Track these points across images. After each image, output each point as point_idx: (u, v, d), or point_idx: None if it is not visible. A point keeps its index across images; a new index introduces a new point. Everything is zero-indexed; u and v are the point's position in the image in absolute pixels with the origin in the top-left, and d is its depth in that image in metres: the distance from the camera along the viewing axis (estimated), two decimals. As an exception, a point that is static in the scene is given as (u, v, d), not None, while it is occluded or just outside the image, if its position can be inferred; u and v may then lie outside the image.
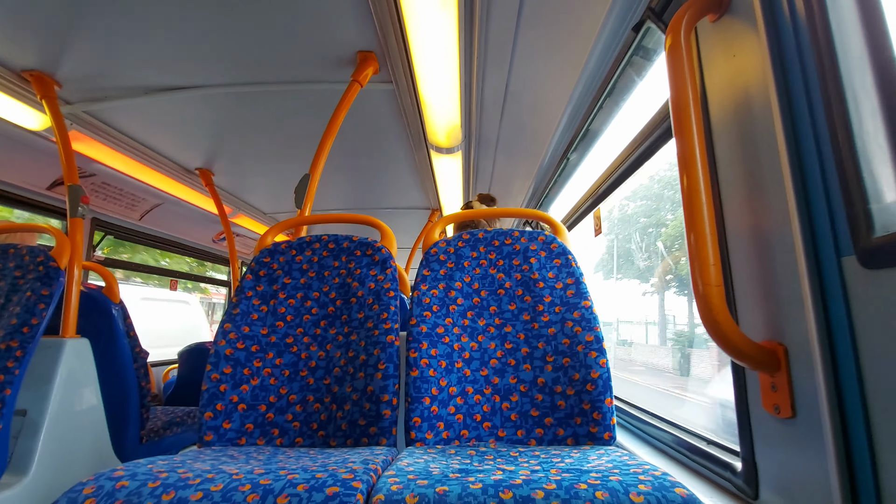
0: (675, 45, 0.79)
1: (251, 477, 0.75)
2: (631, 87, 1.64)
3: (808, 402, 0.66)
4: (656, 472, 0.73)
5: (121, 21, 1.46)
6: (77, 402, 1.64)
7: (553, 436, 1.12)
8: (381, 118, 2.13)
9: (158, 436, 2.01)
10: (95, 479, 0.74)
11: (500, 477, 0.73)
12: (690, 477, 1.05)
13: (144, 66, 1.72)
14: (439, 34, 1.44)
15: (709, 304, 0.70)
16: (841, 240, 0.62)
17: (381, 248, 1.37)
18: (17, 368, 1.40)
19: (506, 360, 1.22)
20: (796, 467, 0.69)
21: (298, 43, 1.58)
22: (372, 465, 0.83)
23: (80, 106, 1.98)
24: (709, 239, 0.71)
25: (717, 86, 0.87)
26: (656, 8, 1.12)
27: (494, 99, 1.96)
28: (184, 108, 2.04)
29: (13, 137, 2.08)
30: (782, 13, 0.71)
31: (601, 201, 2.19)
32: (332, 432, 1.17)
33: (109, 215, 2.97)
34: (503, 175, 2.93)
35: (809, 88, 0.67)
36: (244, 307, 1.30)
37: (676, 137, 0.77)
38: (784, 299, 0.70)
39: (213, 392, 1.19)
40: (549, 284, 1.27)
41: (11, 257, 1.59)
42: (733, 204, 0.83)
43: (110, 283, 1.97)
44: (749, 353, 0.71)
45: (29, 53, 1.64)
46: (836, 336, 0.63)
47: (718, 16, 0.84)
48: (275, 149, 2.51)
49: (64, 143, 1.82)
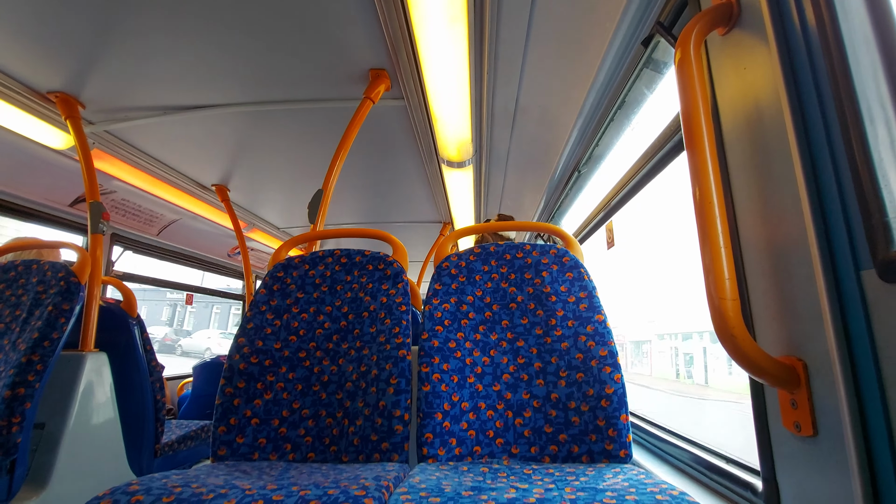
0: (684, 59, 0.79)
1: (264, 493, 0.75)
2: (641, 100, 1.64)
3: (830, 419, 0.64)
4: (674, 492, 0.71)
5: (142, 44, 1.51)
6: (95, 415, 1.66)
7: (567, 453, 1.10)
8: (392, 134, 2.16)
9: (173, 450, 2.02)
10: (111, 493, 0.74)
11: (514, 496, 0.72)
12: (710, 497, 1.03)
13: (164, 86, 1.78)
14: (450, 50, 1.47)
15: (724, 319, 0.68)
16: (859, 253, 0.61)
17: (392, 262, 1.38)
18: (38, 382, 1.43)
19: (518, 374, 1.20)
20: (819, 487, 0.67)
21: (312, 62, 1.62)
22: (384, 481, 0.83)
23: (102, 125, 2.04)
24: (723, 252, 0.70)
25: (728, 99, 0.86)
26: (665, 22, 1.13)
27: (505, 113, 1.97)
28: (201, 127, 2.09)
29: (38, 156, 2.15)
30: (793, 25, 0.71)
31: (613, 214, 2.18)
32: (344, 448, 1.17)
33: (128, 231, 3.04)
34: (514, 188, 2.94)
35: (823, 100, 0.66)
36: (258, 322, 1.31)
37: (688, 150, 0.77)
38: (802, 314, 0.69)
39: (226, 406, 1.19)
40: (562, 298, 1.26)
41: (34, 272, 1.64)
42: (747, 217, 0.82)
43: (128, 297, 2.01)
44: (767, 368, 0.69)
45: (54, 76, 1.71)
46: (856, 351, 0.61)
47: (728, 29, 0.84)
48: (289, 165, 2.56)
49: (86, 162, 1.88)
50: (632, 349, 27.80)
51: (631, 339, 27.23)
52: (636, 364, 26.49)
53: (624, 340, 28.31)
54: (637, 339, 26.62)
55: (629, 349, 27.62)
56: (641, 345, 26.30)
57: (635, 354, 27.36)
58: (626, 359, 28.65)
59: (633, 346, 27.58)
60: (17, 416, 1.37)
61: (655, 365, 22.63)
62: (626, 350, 28.44)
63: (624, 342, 28.71)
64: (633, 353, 27.50)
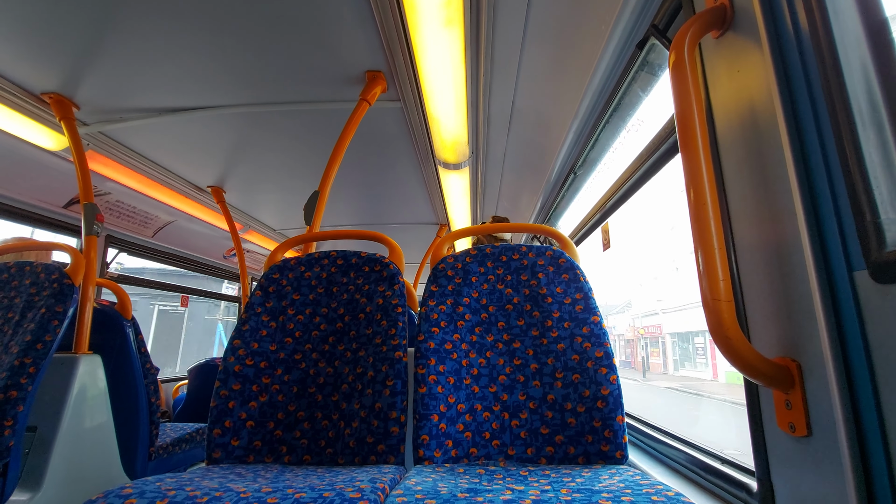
0: (678, 62, 0.80)
1: (259, 495, 0.75)
2: (636, 102, 1.65)
3: (824, 420, 0.65)
4: (669, 493, 0.71)
5: (137, 45, 1.51)
6: (88, 418, 1.65)
7: (563, 454, 1.10)
8: (389, 135, 2.16)
9: (167, 452, 2.01)
10: (105, 496, 0.74)
11: (510, 497, 0.72)
12: (705, 497, 1.03)
13: (159, 87, 1.77)
14: (446, 53, 1.47)
15: (719, 320, 0.69)
16: (852, 254, 0.61)
17: (389, 263, 1.38)
18: (30, 385, 1.42)
19: (515, 376, 1.20)
20: (813, 488, 0.68)
21: (308, 64, 1.62)
22: (380, 483, 0.83)
23: (96, 127, 2.03)
24: (717, 254, 0.71)
25: (722, 101, 0.87)
26: (660, 25, 1.14)
27: (501, 116, 1.98)
28: (196, 128, 2.09)
29: (31, 158, 2.14)
30: (785, 28, 0.72)
31: (609, 216, 2.19)
32: (339, 450, 1.17)
33: (123, 232, 3.03)
34: (511, 190, 2.95)
35: (815, 102, 0.66)
36: (253, 323, 1.31)
37: (683, 153, 0.77)
38: (796, 315, 0.69)
39: (221, 409, 1.19)
40: (558, 300, 1.26)
41: (27, 274, 1.62)
42: (741, 219, 0.83)
43: (123, 299, 2.00)
44: (762, 369, 0.69)
45: (49, 77, 1.70)
46: (850, 352, 0.61)
47: (721, 32, 0.85)
48: (285, 167, 2.55)
49: (81, 163, 1.87)
50: (674, 345, 24.01)
51: (672, 331, 23.74)
52: (685, 365, 22.48)
53: (661, 333, 25.22)
54: (682, 331, 22.55)
55: (668, 345, 24.30)
56: (692, 337, 21.68)
57: (681, 352, 23.27)
58: (664, 356, 24.61)
59: (677, 341, 23.72)
60: (10, 419, 1.36)
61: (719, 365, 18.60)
62: (664, 346, 24.56)
63: (661, 335, 25.37)
64: (678, 349, 23.57)
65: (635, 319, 31.40)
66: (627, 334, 32.80)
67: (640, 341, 29.87)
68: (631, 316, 32.65)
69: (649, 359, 28.10)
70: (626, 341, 33.35)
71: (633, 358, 31.60)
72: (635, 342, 30.96)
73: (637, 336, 30.25)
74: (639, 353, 29.88)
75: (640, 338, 29.78)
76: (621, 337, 33.99)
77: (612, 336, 27.87)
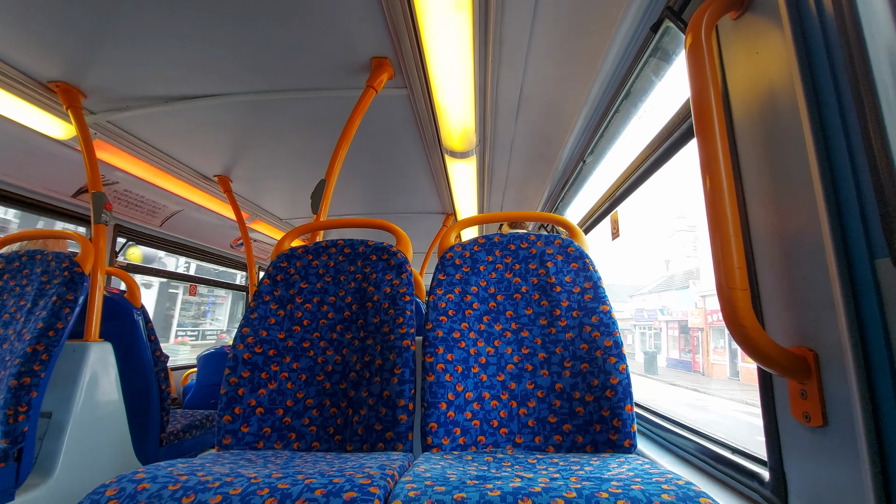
0: (695, 44, 0.78)
1: (269, 481, 0.75)
2: (649, 88, 1.62)
3: (841, 410, 0.64)
4: (679, 482, 0.71)
5: (144, 33, 1.50)
6: (100, 404, 1.67)
7: (572, 443, 1.10)
8: (395, 123, 2.14)
9: (178, 438, 2.04)
10: (118, 480, 0.75)
11: (519, 484, 0.72)
12: (715, 486, 1.02)
13: (166, 76, 1.76)
14: (453, 38, 1.44)
15: (734, 309, 0.68)
16: (874, 241, 0.60)
17: (396, 252, 1.37)
18: (43, 371, 1.44)
19: (523, 365, 1.20)
20: (828, 478, 0.67)
21: (314, 51, 1.60)
22: (389, 470, 0.83)
23: (103, 115, 2.03)
24: (733, 241, 0.69)
25: (739, 85, 0.85)
26: (675, 7, 1.11)
27: (509, 103, 1.95)
28: (203, 117, 2.08)
29: (40, 147, 2.15)
30: (808, 8, 0.69)
31: (618, 204, 2.16)
32: (348, 437, 1.17)
33: (131, 222, 3.04)
34: (518, 179, 2.92)
35: (839, 85, 0.64)
36: (262, 312, 1.31)
37: (698, 138, 0.75)
38: (814, 303, 0.68)
39: (231, 396, 1.20)
40: (567, 288, 1.25)
41: (38, 263, 1.64)
42: (758, 205, 0.81)
43: (132, 287, 2.01)
44: (777, 359, 0.68)
45: (55, 65, 1.69)
46: (869, 341, 0.60)
47: (740, 13, 0.82)
48: (291, 155, 2.54)
49: (88, 152, 1.87)
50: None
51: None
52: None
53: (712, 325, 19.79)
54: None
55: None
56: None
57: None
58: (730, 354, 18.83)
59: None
60: (24, 405, 1.38)
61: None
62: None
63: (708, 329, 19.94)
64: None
65: (705, 299, 21.65)
66: (693, 319, 22.26)
67: (710, 332, 20.77)
68: (699, 293, 22.32)
69: (710, 356, 19.79)
70: (681, 329, 23.08)
71: (702, 356, 21.27)
72: (707, 332, 21.01)
73: (709, 323, 20.84)
74: (710, 349, 20.54)
75: (711, 326, 20.68)
76: (675, 324, 23.97)
77: (661, 323, 23.26)
